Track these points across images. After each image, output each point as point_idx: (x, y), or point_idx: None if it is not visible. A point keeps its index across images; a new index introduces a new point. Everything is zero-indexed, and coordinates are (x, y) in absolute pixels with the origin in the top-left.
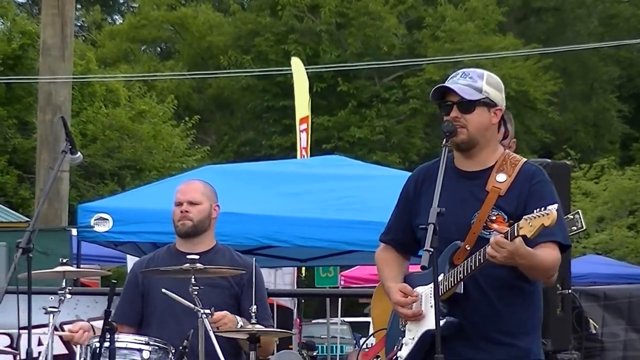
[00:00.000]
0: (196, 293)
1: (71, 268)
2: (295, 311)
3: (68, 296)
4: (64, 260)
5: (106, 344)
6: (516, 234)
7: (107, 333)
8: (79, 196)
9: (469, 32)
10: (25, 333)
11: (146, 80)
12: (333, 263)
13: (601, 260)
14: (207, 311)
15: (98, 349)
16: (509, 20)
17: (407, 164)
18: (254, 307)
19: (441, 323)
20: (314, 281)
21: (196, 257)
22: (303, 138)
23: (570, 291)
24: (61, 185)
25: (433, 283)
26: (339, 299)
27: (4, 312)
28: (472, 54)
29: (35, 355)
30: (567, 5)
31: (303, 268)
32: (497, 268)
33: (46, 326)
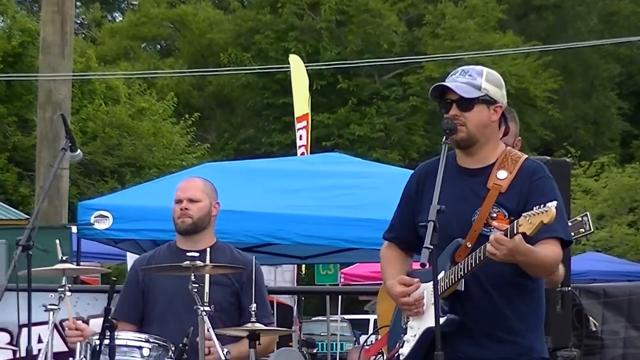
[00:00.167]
0: (196, 291)
1: (71, 266)
2: (295, 309)
3: (68, 294)
4: (64, 257)
5: (106, 342)
6: (515, 232)
7: (107, 330)
8: (79, 194)
9: (469, 30)
10: (25, 330)
11: (146, 77)
12: (333, 260)
13: (601, 257)
14: (208, 309)
15: (98, 347)
16: (509, 17)
17: (407, 162)
18: (254, 306)
19: (442, 320)
20: (314, 278)
21: (196, 255)
22: (303, 135)
23: (570, 288)
24: (61, 182)
25: (433, 282)
26: (339, 297)
27: (4, 310)
28: (472, 52)
29: (35, 352)
30: (567, 2)
31: (303, 265)
32: (499, 265)
33: (46, 324)
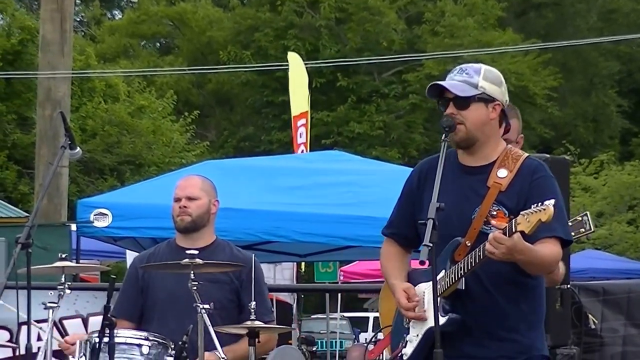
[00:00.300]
0: (195, 288)
1: (70, 263)
2: (294, 307)
3: (67, 291)
4: (64, 255)
5: (105, 339)
6: (514, 230)
7: (107, 328)
8: (79, 191)
9: (469, 27)
10: (25, 328)
11: (146, 75)
12: (332, 258)
13: (600, 255)
14: (207, 306)
15: (97, 344)
16: (509, 15)
17: (407, 159)
18: (253, 303)
19: (443, 320)
20: (314, 276)
21: (195, 253)
22: (302, 133)
23: (569, 286)
24: (60, 180)
25: (432, 279)
26: (339, 294)
27: (3, 308)
28: (472, 49)
29: (34, 350)
30: (567, 0)
31: (302, 263)
32: (499, 264)
33: (45, 321)
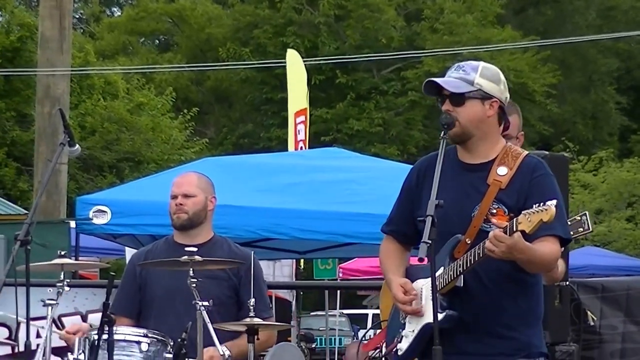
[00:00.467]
0: (194, 285)
1: (70, 260)
2: (293, 304)
3: (66, 288)
4: (63, 252)
5: (104, 336)
6: (515, 229)
7: (106, 325)
8: (78, 188)
9: (468, 25)
10: (24, 325)
11: (145, 72)
12: (332, 255)
13: (599, 252)
14: (206, 303)
15: (96, 341)
16: (508, 12)
17: (406, 156)
18: (252, 300)
19: (441, 316)
20: (313, 273)
21: (194, 249)
22: (301, 130)
23: (568, 283)
24: (60, 177)
25: (431, 276)
26: (338, 291)
27: (3, 305)
28: (471, 46)
29: (33, 347)
30: None
31: (302, 260)
32: (498, 261)
33: (44, 318)
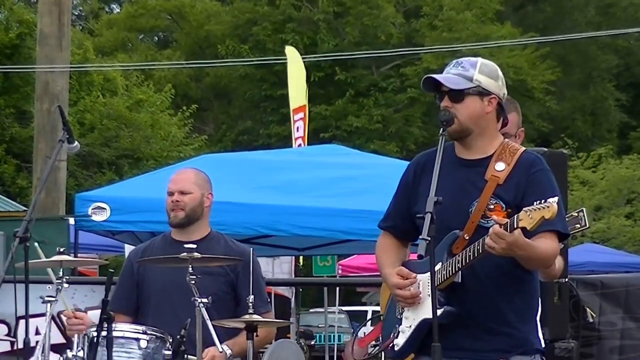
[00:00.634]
0: (193, 282)
1: (68, 257)
2: (293, 300)
3: (65, 285)
4: (62, 249)
5: (103, 333)
6: (515, 226)
7: (105, 322)
8: (77, 185)
9: (467, 21)
10: (23, 322)
11: (144, 69)
12: (331, 252)
13: (599, 249)
14: (205, 300)
15: (95, 338)
16: (507, 9)
17: (405, 153)
18: (252, 297)
19: (439, 312)
20: (312, 270)
21: (193, 246)
22: (300, 127)
23: (567, 280)
24: (59, 174)
25: (430, 273)
26: (337, 288)
27: (2, 302)
28: (470, 43)
29: (32, 344)
30: None
31: (301, 257)
32: (496, 257)
33: (43, 315)
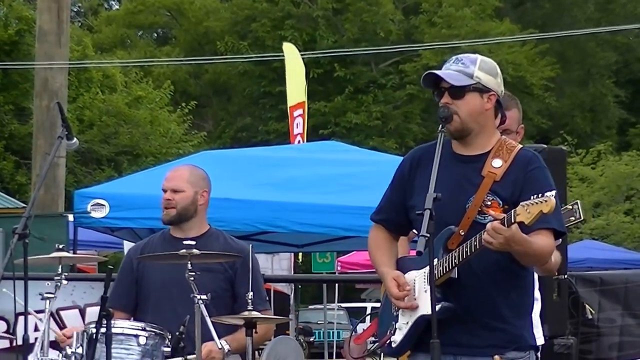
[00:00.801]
0: (192, 279)
1: (67, 254)
2: (292, 297)
3: (64, 282)
4: (61, 246)
5: (102, 330)
6: (513, 221)
7: (104, 319)
8: (76, 182)
9: (466, 18)
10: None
11: (143, 65)
12: (330, 249)
13: (598, 245)
14: (204, 297)
15: (94, 335)
16: (506, 5)
17: (404, 150)
18: (251, 294)
19: (437, 308)
20: (311, 267)
21: (192, 243)
22: (299, 124)
23: (566, 276)
24: (58, 171)
25: (429, 269)
26: (336, 285)
27: (1, 298)
28: (469, 40)
29: (31, 341)
30: None
31: (300, 254)
32: (491, 252)
33: (42, 312)
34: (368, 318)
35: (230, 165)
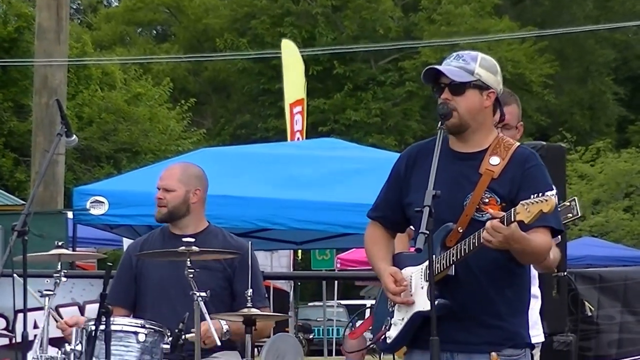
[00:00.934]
0: (192, 276)
1: (67, 251)
2: (291, 294)
3: (64, 279)
4: (60, 243)
5: (102, 327)
6: (513, 219)
7: (103, 316)
8: (75, 179)
9: (465, 15)
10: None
11: (142, 63)
12: (329, 246)
13: (597, 242)
14: (203, 294)
15: (94, 332)
16: (505, 2)
17: (403, 147)
18: (250, 291)
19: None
20: (310, 264)
21: (192, 240)
22: (299, 121)
23: (565, 273)
24: (57, 168)
25: (429, 267)
26: (335, 282)
27: (0, 295)
28: (468, 37)
29: (30, 338)
30: None
31: (299, 251)
32: (489, 250)
33: (42, 309)
34: (366, 314)
35: (229, 162)
